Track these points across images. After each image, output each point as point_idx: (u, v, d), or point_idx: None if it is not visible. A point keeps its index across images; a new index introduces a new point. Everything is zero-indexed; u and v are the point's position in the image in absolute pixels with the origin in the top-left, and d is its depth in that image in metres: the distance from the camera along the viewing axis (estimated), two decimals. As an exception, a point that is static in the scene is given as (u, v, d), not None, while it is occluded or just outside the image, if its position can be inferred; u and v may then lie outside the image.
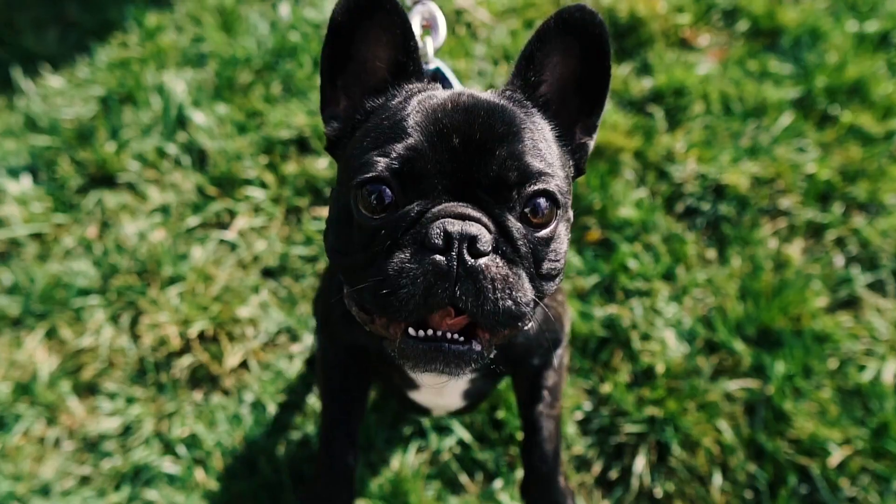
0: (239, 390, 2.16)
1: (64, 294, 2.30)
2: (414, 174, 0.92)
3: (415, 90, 1.07)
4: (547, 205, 0.96)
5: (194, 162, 2.58)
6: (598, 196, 2.45)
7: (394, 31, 1.06)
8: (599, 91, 1.10)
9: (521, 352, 1.26)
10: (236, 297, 2.29)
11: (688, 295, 2.30)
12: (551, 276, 1.01)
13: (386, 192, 0.92)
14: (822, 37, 2.88)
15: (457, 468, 2.03)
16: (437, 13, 1.32)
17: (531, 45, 1.06)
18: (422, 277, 0.87)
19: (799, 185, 2.51)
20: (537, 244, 0.96)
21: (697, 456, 2.03)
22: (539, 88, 1.09)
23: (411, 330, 0.91)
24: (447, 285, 0.87)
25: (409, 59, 1.08)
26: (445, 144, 0.93)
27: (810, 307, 2.23)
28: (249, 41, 2.86)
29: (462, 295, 0.88)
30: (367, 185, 0.93)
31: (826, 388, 2.12)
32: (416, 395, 1.41)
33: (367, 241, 0.94)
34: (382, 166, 0.92)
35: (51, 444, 2.09)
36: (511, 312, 0.91)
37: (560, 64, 1.08)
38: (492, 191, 0.93)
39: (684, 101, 2.70)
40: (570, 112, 1.11)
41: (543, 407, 1.33)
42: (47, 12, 3.05)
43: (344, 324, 1.26)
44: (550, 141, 1.05)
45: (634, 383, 2.16)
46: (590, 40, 1.05)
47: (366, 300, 0.94)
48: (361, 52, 1.09)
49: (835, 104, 2.70)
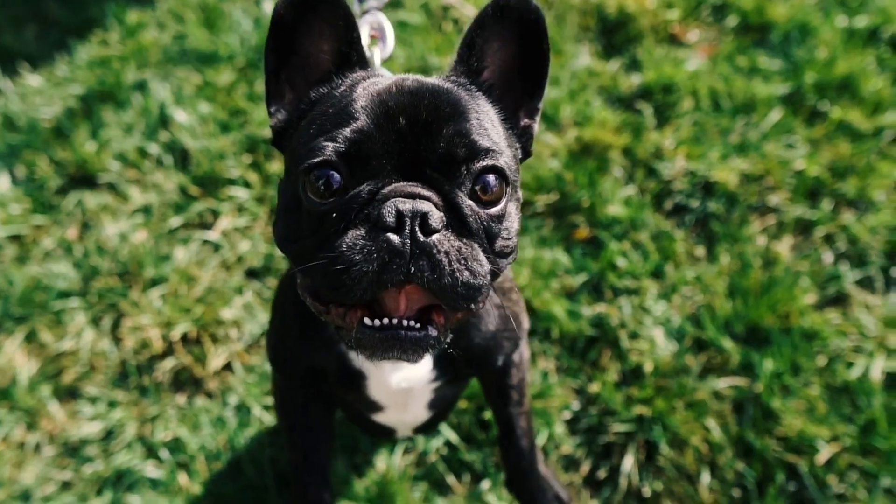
0: (223, 393, 2.13)
1: (43, 297, 2.27)
2: (361, 156, 0.92)
3: (359, 78, 1.08)
4: (496, 181, 0.96)
5: (176, 161, 2.55)
6: (586, 194, 2.43)
7: (336, 23, 1.07)
8: (539, 75, 1.13)
9: (480, 353, 1.27)
10: (220, 299, 2.26)
11: (676, 293, 2.28)
12: (504, 254, 1.02)
13: (334, 176, 0.92)
14: (812, 32, 2.87)
15: (444, 469, 2.01)
16: (386, 24, 1.33)
17: (471, 32, 1.09)
18: (376, 255, 0.87)
19: (788, 181, 2.50)
20: (489, 221, 0.97)
21: (686, 455, 2.01)
22: (482, 74, 1.11)
23: (367, 319, 0.91)
24: (402, 262, 0.87)
25: (352, 50, 1.10)
26: (392, 125, 0.93)
27: (799, 304, 2.22)
28: (232, 38, 2.82)
29: (417, 271, 0.88)
30: (314, 171, 0.93)
31: (814, 385, 2.10)
32: (380, 417, 1.39)
33: (317, 225, 0.94)
34: (330, 150, 0.92)
35: (31, 449, 2.06)
36: (470, 284, 0.91)
37: (500, 50, 1.10)
38: (440, 169, 0.94)
39: (673, 97, 2.69)
40: (514, 96, 1.13)
41: (513, 406, 1.39)
42: (26, 10, 3.00)
43: (301, 344, 1.25)
44: (496, 121, 1.06)
45: (623, 382, 2.14)
46: (526, 25, 1.07)
47: (318, 281, 0.93)
48: (305, 45, 1.10)
49: (824, 100, 2.69)
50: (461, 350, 1.15)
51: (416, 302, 0.94)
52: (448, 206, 0.93)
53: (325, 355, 1.23)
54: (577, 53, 2.86)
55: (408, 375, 1.22)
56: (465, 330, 1.21)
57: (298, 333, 1.24)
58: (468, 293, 0.92)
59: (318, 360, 1.25)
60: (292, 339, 1.28)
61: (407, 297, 0.92)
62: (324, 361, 1.24)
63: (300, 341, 1.25)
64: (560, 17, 2.95)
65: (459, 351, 1.12)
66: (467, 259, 0.91)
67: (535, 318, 2.22)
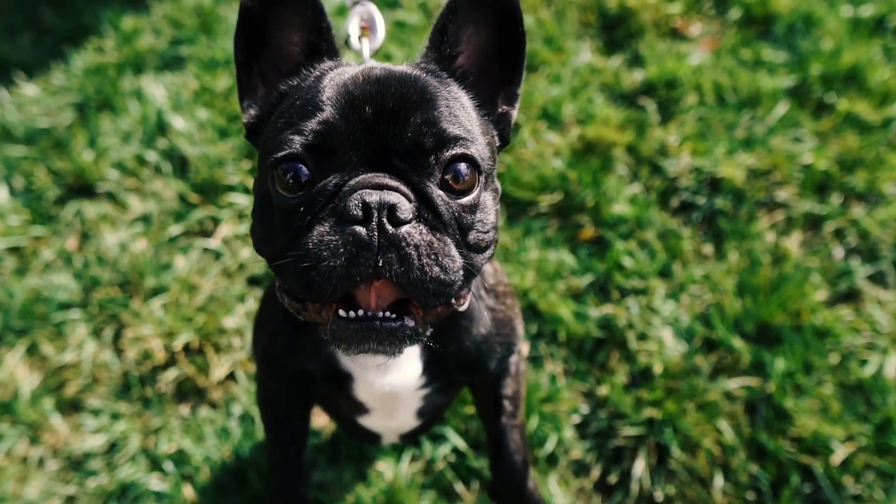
0: (227, 403, 2.11)
1: (44, 309, 2.24)
2: (327, 148, 0.91)
3: (327, 68, 1.06)
4: (468, 170, 0.94)
5: (175, 169, 2.52)
6: (590, 193, 2.40)
7: (305, 13, 1.06)
8: (517, 60, 1.10)
9: (472, 356, 1.23)
10: (222, 307, 2.23)
11: (685, 292, 2.25)
12: (480, 248, 0.98)
13: (302, 169, 0.91)
14: (817, 23, 2.82)
15: (452, 477, 1.98)
16: (376, 14, 1.30)
17: (443, 18, 1.06)
18: (343, 249, 0.85)
19: (796, 176, 2.46)
20: (461, 211, 0.94)
21: (698, 457, 1.98)
22: (455, 60, 1.08)
23: (342, 311, 0.89)
24: (369, 255, 0.85)
25: (321, 40, 1.08)
26: (358, 116, 0.91)
27: (810, 301, 2.18)
28: (229, 42, 2.79)
29: (385, 265, 0.86)
30: (282, 164, 0.92)
31: (827, 383, 2.07)
32: (367, 421, 1.37)
33: (287, 221, 0.92)
34: (297, 143, 0.91)
35: (34, 463, 2.04)
36: (439, 280, 0.89)
37: (475, 35, 1.08)
38: (409, 159, 0.91)
39: (677, 92, 2.65)
40: (491, 83, 1.10)
41: (506, 419, 1.33)
42: (20, 17, 2.97)
43: (290, 347, 1.23)
44: (468, 108, 1.03)
45: (632, 384, 2.11)
46: (501, 9, 1.05)
47: (289, 280, 0.92)
48: (275, 38, 1.08)
49: (831, 92, 2.65)
50: (451, 353, 1.14)
51: (388, 298, 0.91)
52: (418, 196, 0.91)
53: (313, 357, 1.21)
54: (578, 50, 2.82)
55: (395, 380, 1.19)
56: (455, 332, 1.18)
57: (288, 337, 1.22)
58: (438, 289, 0.89)
59: (306, 362, 1.23)
60: (282, 342, 1.25)
61: (378, 293, 0.90)
62: (312, 363, 1.22)
63: (289, 344, 1.23)
64: (560, 13, 2.91)
65: (450, 354, 1.11)
66: (438, 254, 0.88)
67: (541, 321, 2.19)
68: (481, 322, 1.21)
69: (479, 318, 1.21)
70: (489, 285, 1.25)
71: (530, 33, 2.81)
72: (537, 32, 2.83)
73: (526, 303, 2.21)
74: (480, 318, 1.21)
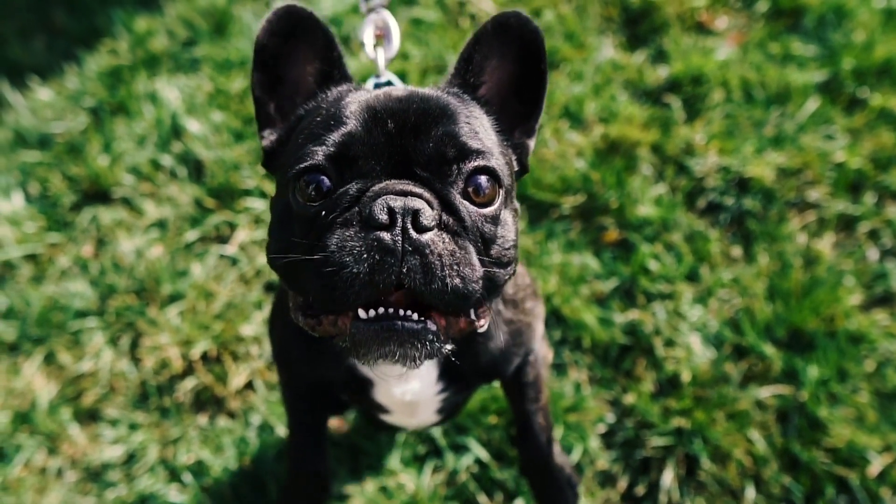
0: (245, 412, 2.08)
1: (61, 317, 2.22)
2: (349, 157, 0.92)
3: (346, 90, 1.09)
4: (488, 183, 0.95)
5: (191, 173, 2.49)
6: (614, 194, 2.33)
7: (317, 44, 1.09)
8: (537, 96, 1.13)
9: (489, 366, 1.28)
10: (239, 315, 2.20)
11: (713, 296, 2.18)
12: (501, 262, 0.97)
13: (324, 181, 0.92)
14: (848, 15, 2.73)
15: (475, 488, 1.94)
16: (391, 22, 1.31)
17: (469, 48, 1.09)
18: (366, 254, 0.85)
19: (827, 175, 2.38)
20: (483, 222, 0.95)
21: (728, 469, 1.93)
22: (478, 90, 1.11)
23: (361, 312, 0.87)
24: (393, 262, 0.84)
25: (334, 68, 1.12)
26: (381, 128, 0.93)
27: (844, 306, 2.11)
28: (243, 43, 2.75)
29: (409, 272, 0.85)
30: (304, 176, 0.93)
31: (863, 391, 2.01)
32: (388, 418, 1.41)
33: (308, 228, 0.93)
34: (319, 154, 0.92)
35: (53, 474, 2.02)
36: (459, 291, 0.88)
37: (498, 68, 1.11)
38: (430, 168, 0.93)
39: (703, 89, 2.57)
40: (510, 116, 1.13)
41: (530, 403, 1.41)
42: (33, 20, 2.95)
43: (308, 359, 1.25)
44: (488, 127, 1.06)
45: (659, 393, 2.05)
46: (525, 45, 1.08)
47: (309, 286, 0.90)
48: (291, 73, 1.11)
49: (863, 87, 2.56)
50: (467, 366, 1.17)
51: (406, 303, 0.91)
52: (441, 204, 0.91)
53: (332, 365, 1.23)
54: (601, 46, 2.75)
55: (413, 389, 1.22)
56: (471, 347, 1.20)
57: (304, 347, 1.24)
58: (457, 301, 0.88)
59: (325, 373, 1.25)
60: (298, 353, 1.27)
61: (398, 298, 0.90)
62: (331, 374, 1.25)
63: (306, 354, 1.25)
64: (581, 8, 2.84)
65: (466, 365, 1.14)
66: (460, 264, 0.88)
67: (565, 327, 2.14)
68: (498, 336, 1.23)
69: (495, 331, 1.22)
70: (508, 296, 1.26)
71: (551, 29, 2.74)
72: (558, 28, 2.76)
73: (549, 308, 2.16)
74: (498, 331, 1.23)
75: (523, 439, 1.44)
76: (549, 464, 1.46)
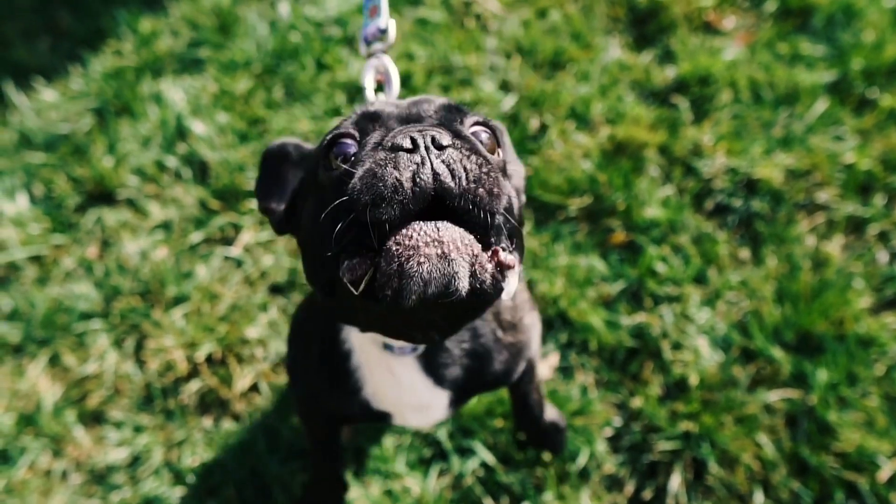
0: (250, 415, 2.07)
1: (66, 319, 2.22)
2: (370, 116, 1.01)
3: None
4: (489, 138, 1.02)
5: (195, 175, 2.48)
6: (621, 195, 2.32)
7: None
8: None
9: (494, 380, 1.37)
10: (244, 317, 2.19)
11: (721, 299, 2.16)
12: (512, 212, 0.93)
13: (350, 147, 0.97)
14: (858, 14, 2.70)
15: (481, 492, 1.93)
16: (391, 67, 1.33)
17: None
18: (397, 169, 0.84)
19: (837, 176, 2.36)
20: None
21: (736, 473, 1.91)
22: None
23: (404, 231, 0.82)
24: (427, 171, 0.84)
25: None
26: (393, 104, 1.06)
27: (853, 309, 2.09)
28: (248, 43, 2.74)
29: (439, 175, 0.84)
30: (333, 146, 0.98)
31: (873, 395, 1.98)
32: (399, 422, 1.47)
33: (338, 186, 0.89)
34: (347, 122, 1.01)
35: (58, 477, 2.01)
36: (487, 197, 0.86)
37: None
38: (440, 116, 1.03)
39: (710, 89, 2.55)
40: None
41: (525, 385, 1.57)
42: (38, 21, 2.94)
43: (329, 398, 1.31)
44: None
45: (667, 396, 2.03)
46: None
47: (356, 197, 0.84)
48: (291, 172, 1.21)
49: (873, 87, 2.53)
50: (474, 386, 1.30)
51: None
52: (455, 136, 0.94)
53: (347, 404, 1.29)
54: (607, 46, 2.73)
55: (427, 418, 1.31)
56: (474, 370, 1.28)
57: (325, 386, 1.29)
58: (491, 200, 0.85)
59: (344, 408, 1.31)
60: (320, 391, 1.32)
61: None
62: (346, 410, 1.31)
63: (328, 394, 1.30)
64: (587, 8, 2.82)
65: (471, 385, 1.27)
66: (485, 171, 0.87)
67: (571, 330, 2.12)
68: (498, 358, 1.32)
69: (496, 358, 1.32)
70: (507, 322, 1.31)
71: (557, 29, 2.73)
72: (564, 28, 2.74)
73: (555, 311, 2.14)
74: (499, 355, 1.32)
75: (521, 409, 1.66)
76: (540, 420, 1.71)
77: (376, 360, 1.18)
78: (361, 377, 1.22)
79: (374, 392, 1.22)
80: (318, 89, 2.62)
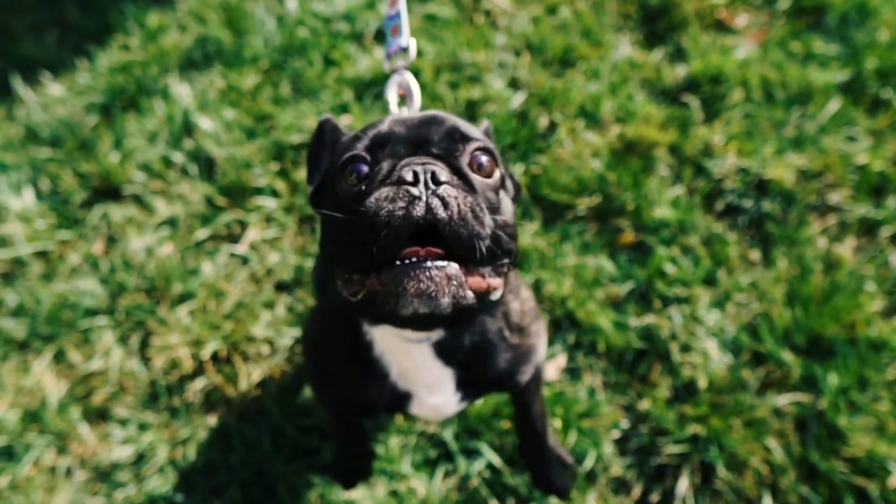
0: (255, 413, 2.06)
1: (71, 315, 2.21)
2: (381, 143, 1.15)
3: None
4: (488, 160, 1.15)
5: (202, 171, 2.46)
6: (630, 195, 2.29)
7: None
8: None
9: (497, 381, 1.45)
10: (249, 315, 2.18)
11: (730, 301, 2.14)
12: (506, 230, 1.10)
13: (363, 168, 1.12)
14: (872, 13, 2.67)
15: (487, 494, 1.91)
16: (413, 83, 1.46)
17: None
18: (400, 200, 1.02)
19: (849, 177, 2.33)
20: (487, 189, 1.13)
21: (745, 477, 1.89)
22: None
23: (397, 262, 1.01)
24: (420, 203, 1.01)
25: None
26: (403, 125, 1.17)
27: (865, 312, 2.07)
28: (256, 39, 2.72)
29: (432, 208, 1.01)
30: (349, 165, 1.13)
31: (884, 400, 1.96)
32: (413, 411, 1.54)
33: (351, 203, 1.08)
34: (360, 146, 1.15)
35: (62, 473, 2.01)
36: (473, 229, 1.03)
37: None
38: (443, 146, 1.14)
39: (722, 88, 2.52)
40: None
41: (529, 395, 1.61)
42: (45, 15, 2.93)
43: (359, 393, 1.41)
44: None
45: (675, 399, 2.02)
46: None
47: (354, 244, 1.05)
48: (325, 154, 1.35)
49: (887, 87, 2.50)
50: (479, 378, 1.39)
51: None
52: (452, 171, 1.10)
53: (377, 391, 1.39)
54: (618, 44, 2.70)
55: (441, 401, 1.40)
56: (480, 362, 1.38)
57: (355, 383, 1.40)
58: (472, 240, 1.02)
59: (370, 397, 1.41)
60: (351, 389, 1.42)
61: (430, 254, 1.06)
62: (376, 396, 1.40)
63: (357, 389, 1.40)
64: (598, 5, 2.79)
65: (478, 378, 1.36)
66: (473, 209, 1.04)
67: (579, 331, 2.10)
68: (502, 356, 1.41)
69: (501, 355, 1.41)
70: (515, 324, 1.42)
71: (567, 26, 2.70)
72: (574, 25, 2.72)
73: (563, 312, 2.12)
74: (503, 355, 1.41)
75: (523, 423, 1.66)
76: (545, 445, 1.69)
77: (396, 346, 1.31)
78: (387, 363, 1.35)
79: (399, 373, 1.36)
80: (325, 85, 2.60)
